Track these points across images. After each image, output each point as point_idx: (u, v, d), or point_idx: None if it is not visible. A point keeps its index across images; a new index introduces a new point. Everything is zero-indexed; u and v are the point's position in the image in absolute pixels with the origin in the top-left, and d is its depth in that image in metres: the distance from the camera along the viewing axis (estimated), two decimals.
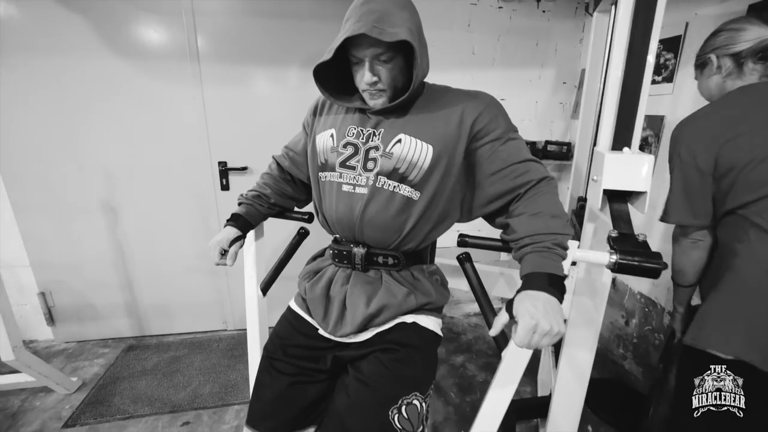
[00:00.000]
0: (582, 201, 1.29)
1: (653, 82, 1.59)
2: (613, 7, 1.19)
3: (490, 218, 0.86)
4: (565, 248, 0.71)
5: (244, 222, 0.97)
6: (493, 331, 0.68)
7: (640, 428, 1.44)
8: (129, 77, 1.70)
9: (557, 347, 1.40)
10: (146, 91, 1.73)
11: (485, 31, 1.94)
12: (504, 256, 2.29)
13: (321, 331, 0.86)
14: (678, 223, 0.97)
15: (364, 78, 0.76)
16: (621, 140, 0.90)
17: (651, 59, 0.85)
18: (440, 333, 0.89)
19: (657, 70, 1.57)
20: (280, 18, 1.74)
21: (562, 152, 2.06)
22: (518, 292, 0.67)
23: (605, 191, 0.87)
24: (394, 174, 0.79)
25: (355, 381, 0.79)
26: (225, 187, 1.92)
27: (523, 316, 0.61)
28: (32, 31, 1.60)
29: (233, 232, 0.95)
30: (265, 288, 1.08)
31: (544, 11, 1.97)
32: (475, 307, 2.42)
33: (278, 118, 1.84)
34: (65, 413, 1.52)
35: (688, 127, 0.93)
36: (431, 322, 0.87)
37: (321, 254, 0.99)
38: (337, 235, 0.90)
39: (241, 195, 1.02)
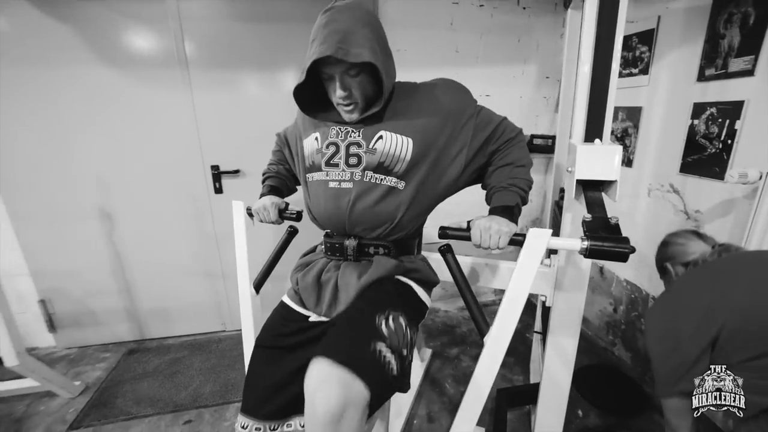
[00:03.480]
0: (563, 192, 1.33)
1: (630, 74, 1.65)
2: (583, 4, 1.24)
3: (480, 179, 0.99)
4: (521, 187, 0.89)
5: (280, 192, 1.10)
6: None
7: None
8: (119, 85, 1.73)
9: (545, 336, 1.45)
10: (136, 97, 1.76)
11: (468, 29, 1.99)
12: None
13: (312, 318, 0.91)
14: (681, 390, 0.89)
15: (336, 93, 0.82)
16: (593, 132, 0.94)
17: (617, 54, 0.89)
18: (425, 301, 0.95)
19: (633, 63, 1.62)
20: (267, 22, 1.77)
21: (548, 145, 2.11)
22: None
23: (579, 181, 0.92)
24: (379, 168, 0.86)
25: (346, 309, 0.84)
26: (218, 190, 1.95)
27: (478, 220, 0.83)
28: (23, 43, 1.62)
29: (278, 198, 1.06)
30: (258, 286, 1.12)
31: (524, 8, 2.01)
32: None
33: (268, 120, 1.88)
34: (69, 416, 1.55)
35: (672, 304, 0.96)
36: (415, 285, 0.93)
37: (312, 250, 1.04)
38: (329, 230, 0.95)
39: (268, 170, 1.13)
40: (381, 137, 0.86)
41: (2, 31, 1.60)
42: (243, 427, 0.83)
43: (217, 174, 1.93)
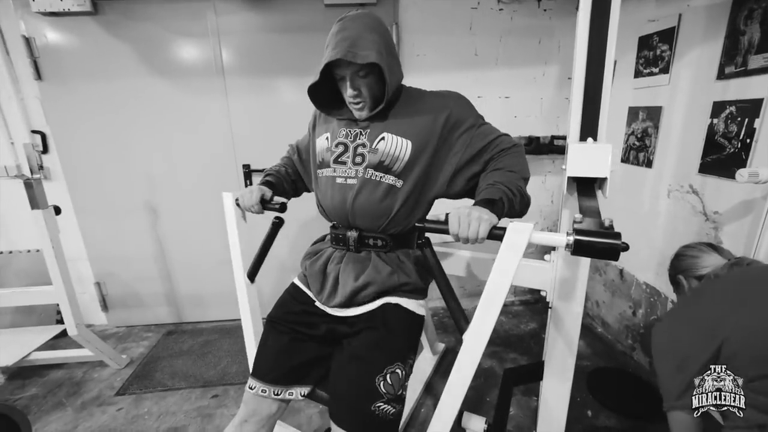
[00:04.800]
0: None
1: (651, 74, 1.62)
2: None
3: (473, 191, 0.99)
4: (508, 187, 0.86)
5: (274, 188, 1.13)
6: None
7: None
8: (165, 93, 1.95)
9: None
10: (179, 104, 1.97)
11: (487, 32, 2.03)
12: None
13: (317, 303, 1.01)
14: (684, 404, 0.88)
15: (347, 92, 0.92)
16: (587, 132, 0.97)
17: (611, 53, 0.92)
18: (422, 313, 1.01)
19: (654, 62, 1.60)
20: (294, 32, 1.92)
21: None
22: None
23: (571, 178, 0.95)
24: (380, 166, 0.94)
25: (348, 356, 0.93)
26: None
27: (456, 209, 0.79)
28: (91, 58, 1.88)
29: (266, 189, 1.10)
30: (252, 275, 1.19)
31: (545, 10, 2.02)
32: None
33: (294, 122, 1.99)
34: (117, 384, 1.77)
35: (677, 321, 0.96)
36: (412, 304, 0.99)
37: (322, 239, 1.14)
38: (335, 222, 1.05)
39: (270, 169, 1.19)
40: (383, 138, 0.95)
41: (74, 49, 1.86)
42: (251, 388, 0.94)
43: (248, 172, 2.10)
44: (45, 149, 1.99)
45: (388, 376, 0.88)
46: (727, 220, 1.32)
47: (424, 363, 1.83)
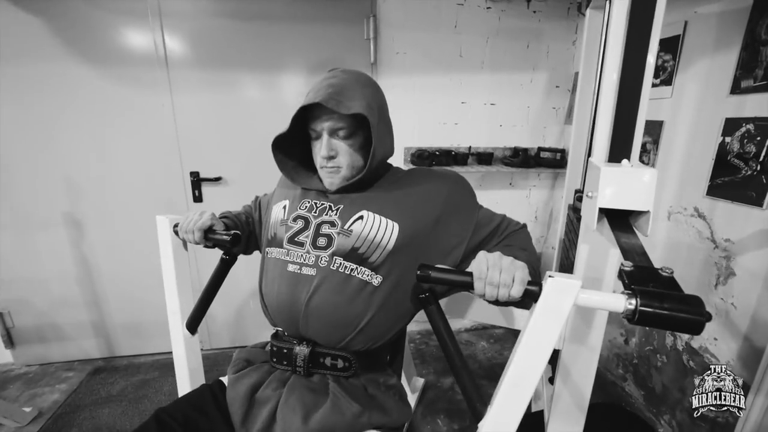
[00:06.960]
0: (576, 212, 1.18)
1: (651, 85, 1.49)
2: (608, 3, 1.09)
3: None
4: (530, 261, 0.69)
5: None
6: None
7: None
8: (93, 84, 1.59)
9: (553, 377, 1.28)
10: (111, 97, 1.62)
11: (473, 32, 1.84)
12: None
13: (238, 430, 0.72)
14: None
15: (321, 151, 0.71)
16: (619, 151, 0.79)
17: (651, 59, 0.74)
18: None
19: (655, 73, 1.47)
20: (253, 20, 1.63)
21: (556, 159, 1.96)
22: None
23: (602, 210, 0.76)
24: (352, 254, 0.70)
25: None
26: (198, 198, 1.79)
27: (482, 252, 0.61)
28: None
29: (217, 219, 0.86)
30: (192, 326, 0.92)
31: (534, 12, 1.87)
32: (467, 324, 2.30)
33: (253, 125, 1.73)
34: None
35: None
36: None
37: (262, 346, 0.86)
38: (279, 329, 0.78)
39: (226, 211, 0.95)
40: (361, 217, 0.72)
41: None
42: None
43: (197, 181, 1.77)
44: None
45: None
46: (743, 250, 1.20)
47: None
